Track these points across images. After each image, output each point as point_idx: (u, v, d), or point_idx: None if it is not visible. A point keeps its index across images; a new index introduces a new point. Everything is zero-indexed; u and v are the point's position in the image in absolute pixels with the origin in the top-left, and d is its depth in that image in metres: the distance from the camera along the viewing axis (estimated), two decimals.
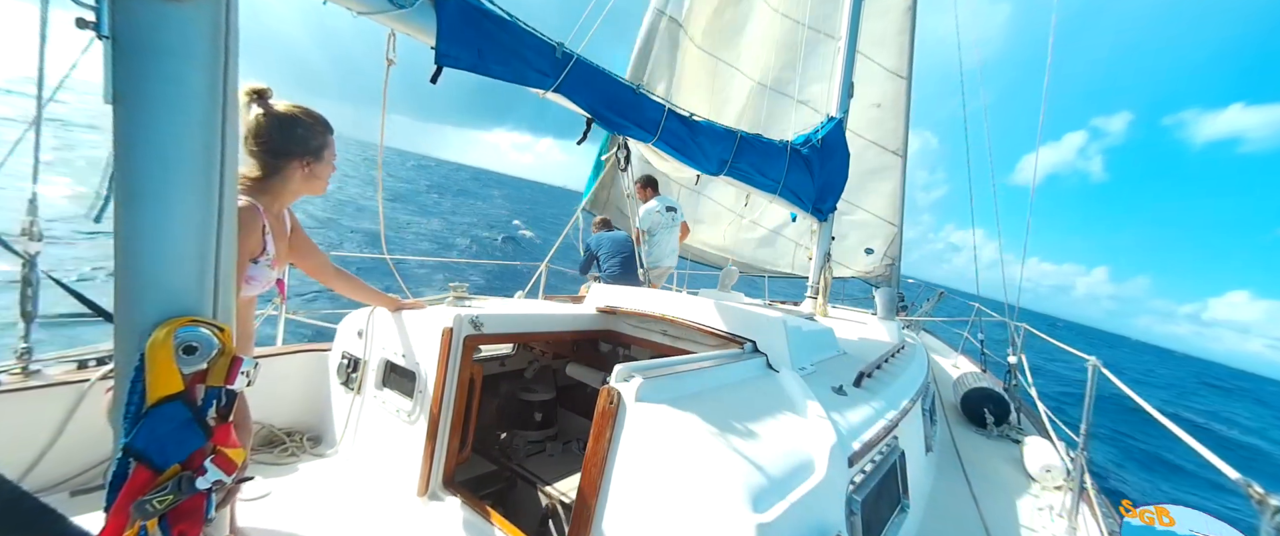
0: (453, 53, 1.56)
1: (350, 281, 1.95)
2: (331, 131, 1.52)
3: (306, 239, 1.73)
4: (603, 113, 2.06)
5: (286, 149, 1.41)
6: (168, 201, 0.80)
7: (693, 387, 1.51)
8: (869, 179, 6.10)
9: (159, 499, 0.78)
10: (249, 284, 1.40)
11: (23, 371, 1.78)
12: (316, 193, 1.56)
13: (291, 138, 1.41)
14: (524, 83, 1.81)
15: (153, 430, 0.79)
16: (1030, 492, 3.00)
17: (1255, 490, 1.30)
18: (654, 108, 2.27)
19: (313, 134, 1.46)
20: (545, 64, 1.82)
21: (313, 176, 1.49)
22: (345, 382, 2.27)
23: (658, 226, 4.97)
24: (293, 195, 1.51)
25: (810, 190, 3.31)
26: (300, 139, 1.43)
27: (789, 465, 1.28)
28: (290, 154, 1.42)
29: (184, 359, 0.80)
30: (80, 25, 0.76)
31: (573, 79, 1.89)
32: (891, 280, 6.20)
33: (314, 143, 1.46)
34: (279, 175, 1.43)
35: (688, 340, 2.33)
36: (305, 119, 1.44)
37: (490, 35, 1.63)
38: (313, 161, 1.47)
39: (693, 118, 2.46)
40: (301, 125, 1.43)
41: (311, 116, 1.46)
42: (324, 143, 1.49)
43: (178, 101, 0.78)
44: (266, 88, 1.38)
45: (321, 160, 1.50)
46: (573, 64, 1.87)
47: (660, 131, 2.29)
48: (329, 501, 1.92)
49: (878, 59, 5.92)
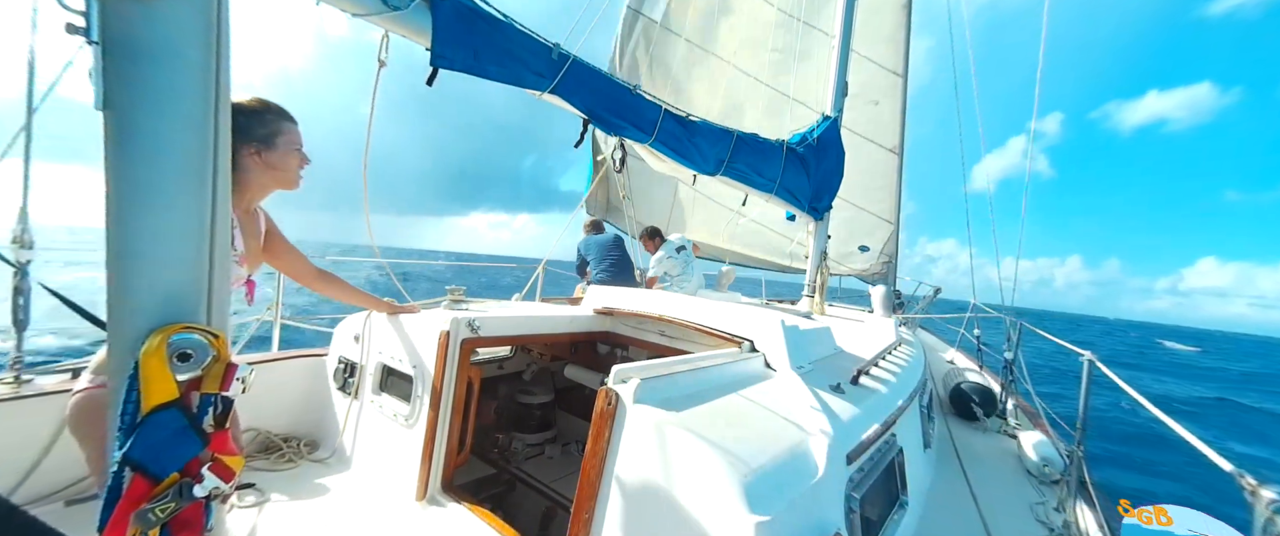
0: (448, 54, 1.54)
1: (335, 283, 1.91)
2: (286, 118, 1.45)
3: (283, 239, 1.69)
4: (600, 114, 2.06)
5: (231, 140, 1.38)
6: (160, 207, 0.80)
7: (691, 388, 1.51)
8: (864, 176, 6.12)
9: (160, 507, 0.78)
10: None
11: (15, 381, 1.77)
12: (287, 186, 1.50)
13: (234, 127, 1.39)
14: (520, 84, 1.80)
15: (148, 439, 0.78)
16: (1028, 487, 3.01)
17: (1248, 481, 1.30)
18: (651, 108, 2.27)
19: (259, 121, 1.40)
20: (541, 65, 1.81)
21: (270, 166, 1.43)
22: (342, 387, 2.26)
23: (672, 270, 4.97)
24: (259, 188, 1.46)
25: (806, 189, 3.32)
26: (242, 127, 1.36)
27: (787, 464, 1.28)
28: (235, 144, 1.39)
29: (178, 366, 0.80)
30: (70, 30, 0.75)
31: (569, 80, 1.88)
32: (888, 278, 6.22)
33: (259, 129, 1.40)
34: (234, 169, 1.36)
35: (685, 340, 2.33)
36: (251, 107, 1.39)
37: (486, 36, 1.62)
38: (262, 149, 1.41)
39: (689, 118, 2.46)
40: (242, 113, 1.37)
41: (263, 104, 1.41)
42: (274, 129, 1.43)
43: (169, 105, 0.78)
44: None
45: (274, 148, 1.43)
46: (569, 65, 1.87)
47: (657, 132, 2.29)
48: (327, 506, 1.91)
49: (873, 56, 5.94)
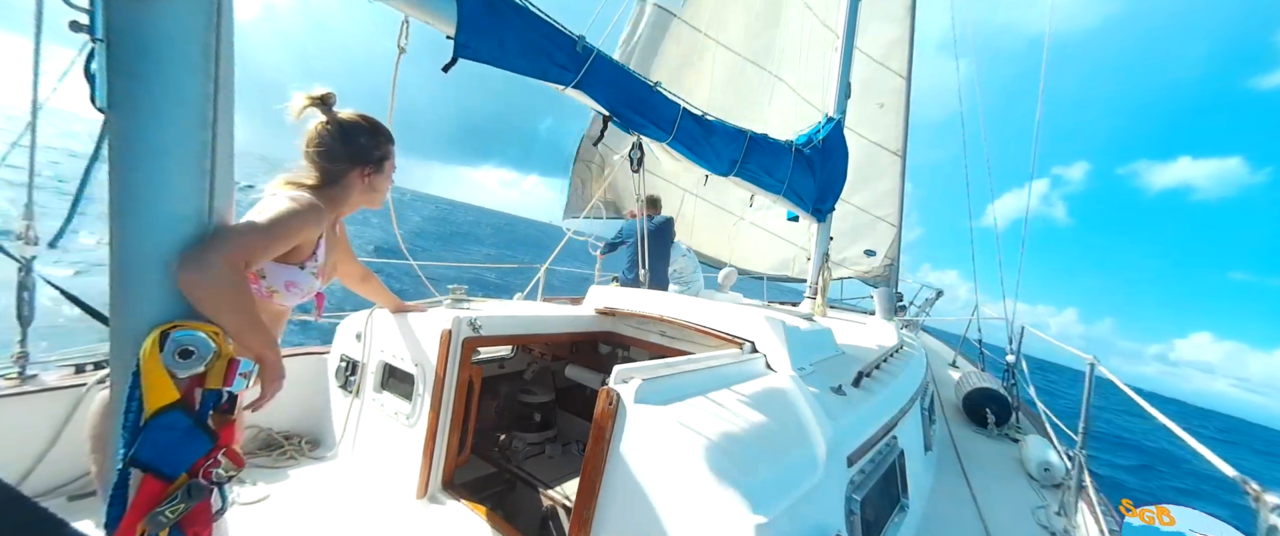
0: (473, 44, 1.49)
1: (374, 284, 1.96)
2: (393, 142, 1.46)
3: (349, 247, 1.70)
4: (622, 111, 2.01)
5: (348, 157, 1.35)
6: (162, 204, 0.80)
7: (692, 388, 1.51)
8: (869, 179, 6.12)
9: (171, 509, 0.79)
10: (289, 291, 1.30)
11: (19, 375, 1.78)
12: (374, 206, 1.50)
13: (354, 146, 1.35)
14: (544, 77, 1.75)
15: (155, 441, 0.79)
16: (1030, 491, 3.00)
17: (1252, 487, 1.29)
18: (670, 106, 2.24)
19: (375, 143, 1.40)
20: (566, 58, 1.76)
21: (372, 189, 1.44)
22: (344, 386, 2.26)
23: (686, 271, 5.12)
24: (351, 206, 1.45)
25: (811, 190, 3.31)
26: (363, 148, 1.37)
27: (788, 465, 1.28)
28: (351, 162, 1.36)
29: (180, 363, 0.80)
30: (74, 28, 0.75)
31: (593, 75, 1.84)
32: (890, 280, 6.21)
33: (376, 153, 1.40)
34: (338, 184, 1.37)
35: (686, 341, 2.33)
36: (368, 127, 1.39)
37: (513, 26, 1.56)
38: (373, 172, 1.41)
39: (706, 117, 2.44)
40: (364, 134, 1.37)
41: (375, 125, 1.40)
42: (386, 153, 1.44)
43: (171, 104, 0.78)
44: (330, 93, 1.32)
45: (382, 172, 1.44)
46: (593, 59, 1.83)
47: (676, 130, 2.26)
48: (328, 504, 1.91)
49: (879, 58, 5.93)
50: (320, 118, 1.32)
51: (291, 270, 1.29)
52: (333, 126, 1.33)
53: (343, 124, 1.34)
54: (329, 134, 1.32)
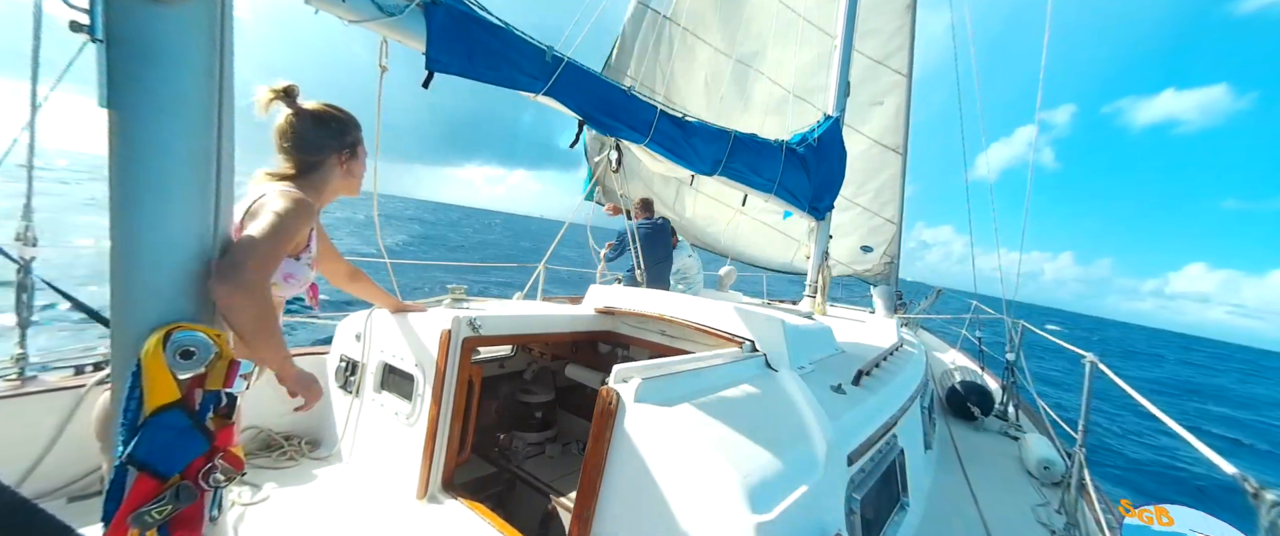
0: (443, 58, 1.56)
1: (363, 281, 1.95)
2: (361, 128, 1.49)
3: (330, 242, 1.73)
4: (594, 115, 2.06)
5: (323, 144, 1.38)
6: (163, 205, 0.80)
7: (691, 388, 1.51)
8: (868, 176, 6.11)
9: (157, 509, 0.78)
10: (287, 282, 1.34)
11: (19, 377, 1.78)
12: (352, 193, 1.53)
13: (327, 132, 1.38)
14: (514, 87, 1.81)
15: (153, 439, 0.79)
16: (1030, 489, 3.01)
17: (1250, 484, 1.29)
18: (646, 109, 2.27)
19: (346, 129, 1.43)
20: (535, 67, 1.82)
21: (349, 174, 1.47)
22: (344, 386, 2.26)
23: (690, 270, 5.08)
24: (332, 194, 1.48)
25: (806, 189, 3.31)
26: (336, 133, 1.40)
27: (788, 464, 1.28)
28: (327, 149, 1.39)
29: (180, 363, 0.80)
30: (74, 28, 0.75)
31: (563, 82, 1.90)
32: (890, 278, 6.20)
33: (348, 137, 1.44)
34: (318, 172, 1.39)
35: (686, 340, 2.33)
36: (338, 114, 1.42)
37: (479, 41, 1.63)
38: (349, 158, 1.45)
39: (686, 118, 2.45)
40: (335, 120, 1.40)
41: (342, 113, 1.44)
42: (357, 138, 1.47)
43: (173, 104, 0.78)
44: (293, 84, 1.33)
45: (356, 158, 1.48)
46: (563, 67, 1.88)
47: (652, 132, 2.29)
48: (328, 505, 1.91)
49: (877, 56, 5.93)
50: (287, 110, 1.34)
51: (288, 262, 1.33)
52: (303, 117, 1.35)
53: (313, 113, 1.37)
54: (300, 124, 1.35)
